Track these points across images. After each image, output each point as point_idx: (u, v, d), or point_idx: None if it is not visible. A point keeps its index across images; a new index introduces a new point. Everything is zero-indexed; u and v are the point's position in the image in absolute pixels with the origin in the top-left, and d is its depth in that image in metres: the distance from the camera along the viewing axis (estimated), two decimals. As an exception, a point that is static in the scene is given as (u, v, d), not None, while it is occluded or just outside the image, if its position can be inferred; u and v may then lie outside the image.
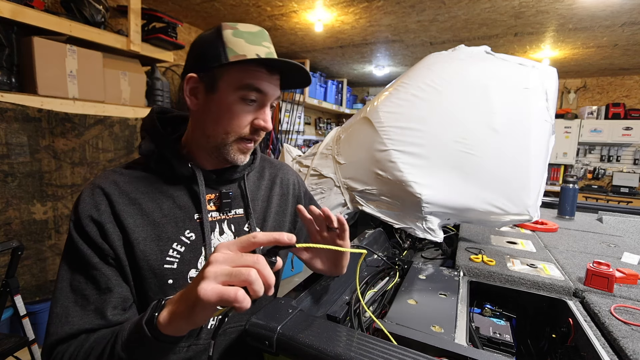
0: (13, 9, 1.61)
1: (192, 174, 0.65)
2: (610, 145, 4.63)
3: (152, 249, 0.60)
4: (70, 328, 0.54)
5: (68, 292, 0.56)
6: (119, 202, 0.60)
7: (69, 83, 1.88)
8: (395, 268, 1.08)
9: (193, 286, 0.43)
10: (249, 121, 0.63)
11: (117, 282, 0.58)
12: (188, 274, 0.63)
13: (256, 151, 0.78)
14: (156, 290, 0.61)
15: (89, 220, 0.57)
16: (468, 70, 1.21)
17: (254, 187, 0.77)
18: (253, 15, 3.05)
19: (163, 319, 0.45)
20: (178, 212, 0.64)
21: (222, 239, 0.68)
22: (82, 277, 0.57)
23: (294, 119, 4.31)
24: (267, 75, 0.62)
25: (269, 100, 0.64)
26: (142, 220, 0.60)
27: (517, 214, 1.11)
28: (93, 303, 0.56)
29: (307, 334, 0.58)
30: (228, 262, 0.42)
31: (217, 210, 0.69)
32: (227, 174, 0.71)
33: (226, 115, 0.62)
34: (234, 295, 0.39)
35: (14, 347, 1.39)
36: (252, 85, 0.60)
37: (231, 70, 0.60)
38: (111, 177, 0.63)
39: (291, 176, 0.86)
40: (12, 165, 1.65)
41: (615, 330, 0.71)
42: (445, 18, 2.89)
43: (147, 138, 0.67)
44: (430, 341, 0.65)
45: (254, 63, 0.60)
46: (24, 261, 1.72)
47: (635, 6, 2.47)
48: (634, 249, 1.27)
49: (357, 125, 1.34)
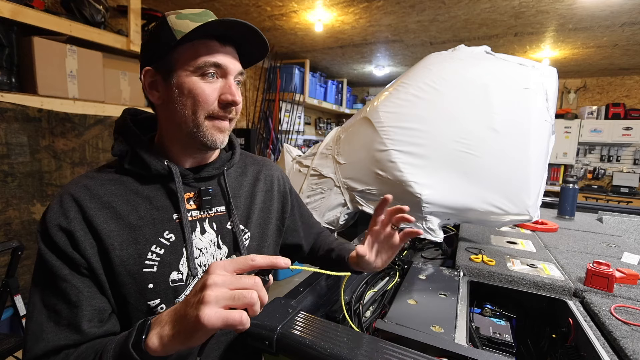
0: (13, 9, 1.61)
1: (169, 171, 0.63)
2: (610, 145, 4.63)
3: (130, 254, 0.57)
4: (45, 345, 0.52)
5: (41, 308, 0.54)
6: (91, 207, 0.56)
7: (69, 83, 1.88)
8: (395, 268, 1.08)
9: (190, 310, 0.42)
10: (215, 97, 0.61)
11: (89, 293, 0.55)
12: (169, 276, 0.60)
13: (234, 146, 0.76)
14: (136, 296, 0.58)
15: (57, 230, 0.54)
16: (468, 70, 1.20)
17: (236, 183, 0.74)
18: (253, 15, 3.05)
19: (152, 343, 0.44)
20: (155, 213, 0.61)
21: (204, 238, 0.66)
22: (53, 290, 0.54)
23: (294, 119, 4.31)
24: (220, 47, 0.61)
25: (230, 73, 0.62)
26: (116, 225, 0.57)
27: (517, 214, 1.11)
28: (65, 318, 0.53)
29: (307, 334, 0.58)
30: (227, 285, 0.42)
31: (198, 209, 0.66)
32: (205, 171, 0.68)
33: (190, 96, 0.59)
34: (239, 319, 0.40)
35: (14, 347, 1.39)
36: (207, 60, 0.59)
37: (183, 51, 0.59)
38: (82, 181, 0.60)
39: (275, 172, 0.83)
40: (12, 165, 1.65)
41: (615, 330, 0.71)
42: (445, 18, 2.89)
43: (119, 139, 0.65)
44: (430, 341, 0.65)
45: (204, 37, 0.59)
46: (24, 261, 1.71)
47: (635, 6, 2.47)
48: (634, 249, 1.27)
49: (357, 125, 1.34)
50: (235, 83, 0.64)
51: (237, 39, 0.63)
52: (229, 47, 0.62)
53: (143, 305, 0.59)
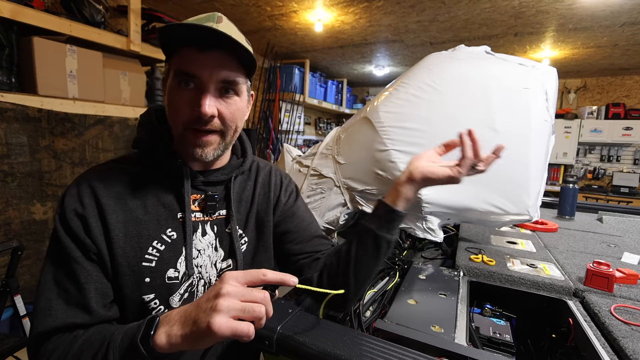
0: (13, 9, 1.61)
1: (179, 171, 0.64)
2: (610, 145, 4.62)
3: (132, 246, 0.59)
4: (53, 321, 0.53)
5: (52, 286, 0.56)
6: (104, 195, 0.59)
7: (69, 83, 1.88)
8: (395, 268, 1.08)
9: (202, 315, 0.43)
10: (189, 108, 0.58)
11: (97, 277, 0.57)
12: (166, 273, 0.62)
13: (246, 153, 0.76)
14: (132, 288, 0.60)
15: (73, 215, 0.57)
16: (468, 70, 1.20)
17: (240, 189, 0.74)
18: (253, 15, 3.05)
19: (160, 340, 0.45)
20: (161, 210, 0.63)
21: (204, 240, 0.67)
22: (65, 270, 0.56)
23: (294, 119, 4.31)
24: (199, 55, 0.57)
25: (206, 83, 0.57)
26: (124, 217, 0.59)
27: (517, 214, 1.11)
28: (74, 297, 0.55)
29: (307, 334, 0.58)
30: (239, 297, 0.44)
31: (201, 212, 0.67)
32: (214, 176, 0.69)
33: (170, 104, 0.60)
34: (247, 331, 0.43)
35: (14, 347, 1.38)
36: (182, 69, 0.57)
37: (174, 58, 0.60)
38: (99, 170, 0.62)
39: (274, 177, 0.80)
40: (12, 165, 1.65)
41: (615, 330, 0.71)
42: (445, 18, 2.89)
43: (141, 132, 0.67)
44: (430, 341, 0.65)
45: (184, 44, 0.58)
46: (24, 261, 1.71)
47: (635, 6, 2.47)
48: (634, 249, 1.27)
49: (357, 125, 1.34)
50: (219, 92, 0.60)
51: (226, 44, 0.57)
52: (212, 53, 0.57)
53: (137, 298, 0.60)
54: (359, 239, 0.70)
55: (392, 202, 0.68)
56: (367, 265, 0.69)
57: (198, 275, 0.66)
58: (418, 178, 0.67)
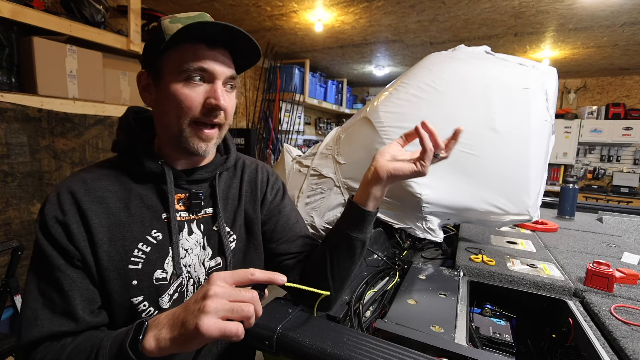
0: (13, 9, 1.61)
1: (162, 172, 0.63)
2: (610, 145, 4.63)
3: (117, 250, 0.59)
4: (39, 331, 0.53)
5: (36, 295, 0.55)
6: (85, 200, 0.58)
7: (69, 83, 1.88)
8: (395, 268, 1.08)
9: (190, 317, 0.43)
10: (199, 102, 0.60)
11: (82, 284, 0.56)
12: (154, 274, 0.61)
13: (230, 150, 0.75)
14: (120, 292, 0.59)
15: (54, 222, 0.56)
16: (468, 70, 1.20)
17: (226, 186, 0.73)
18: (253, 15, 3.05)
19: (149, 344, 0.45)
20: (145, 212, 0.62)
21: (191, 239, 0.66)
22: (49, 279, 0.55)
23: (294, 119, 4.31)
24: (208, 51, 0.59)
25: (217, 77, 0.60)
26: (107, 220, 0.59)
27: (517, 214, 1.11)
28: (60, 306, 0.54)
29: (307, 334, 0.58)
30: (227, 297, 0.44)
31: (186, 211, 0.67)
32: (198, 174, 0.68)
33: (174, 100, 0.59)
34: (235, 331, 0.42)
35: (14, 347, 1.39)
36: (193, 64, 0.58)
37: (172, 55, 0.59)
38: (80, 175, 0.61)
39: (261, 174, 0.80)
40: (12, 165, 1.65)
41: (615, 330, 0.71)
42: (445, 18, 2.89)
43: (120, 135, 0.66)
44: (430, 341, 0.65)
45: (192, 41, 0.58)
46: (24, 261, 1.71)
47: (635, 6, 2.47)
48: (634, 249, 1.27)
49: (357, 125, 1.34)
50: (224, 87, 0.62)
51: (228, 42, 0.61)
52: (219, 50, 0.61)
53: (126, 301, 0.60)
54: (332, 241, 0.71)
55: (362, 203, 0.68)
56: (343, 266, 0.70)
57: (187, 275, 0.65)
58: (384, 177, 0.66)
